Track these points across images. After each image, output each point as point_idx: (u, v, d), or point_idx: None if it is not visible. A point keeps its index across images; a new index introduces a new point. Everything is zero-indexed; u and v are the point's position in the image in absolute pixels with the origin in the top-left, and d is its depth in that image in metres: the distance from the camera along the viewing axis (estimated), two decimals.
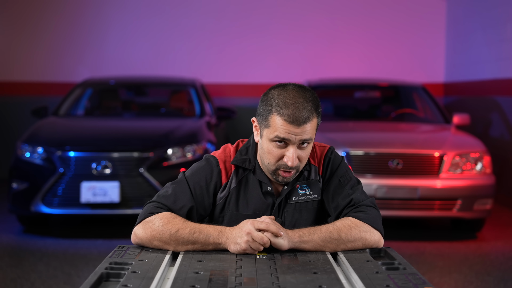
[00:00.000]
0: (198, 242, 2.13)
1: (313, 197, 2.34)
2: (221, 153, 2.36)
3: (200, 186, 2.30)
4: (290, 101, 2.17)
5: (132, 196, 6.15)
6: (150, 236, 2.17)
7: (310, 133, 2.20)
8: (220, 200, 2.32)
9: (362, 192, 2.33)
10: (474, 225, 6.50)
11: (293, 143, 2.18)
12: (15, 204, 6.34)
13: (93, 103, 8.05)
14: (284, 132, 2.16)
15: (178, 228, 2.14)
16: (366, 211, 2.26)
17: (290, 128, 2.15)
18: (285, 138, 2.17)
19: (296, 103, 2.17)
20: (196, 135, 6.71)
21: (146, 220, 2.20)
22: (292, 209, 2.32)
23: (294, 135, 2.17)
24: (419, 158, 6.29)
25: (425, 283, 1.80)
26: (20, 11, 10.23)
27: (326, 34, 10.41)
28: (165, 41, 10.38)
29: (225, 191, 2.32)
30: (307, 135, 2.18)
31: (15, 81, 10.31)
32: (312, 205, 2.34)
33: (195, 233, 2.13)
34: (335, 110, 8.33)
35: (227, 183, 2.32)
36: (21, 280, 4.87)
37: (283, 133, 2.16)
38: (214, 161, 2.33)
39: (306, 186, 2.34)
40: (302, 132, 2.16)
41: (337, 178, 2.34)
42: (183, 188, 2.29)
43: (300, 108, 2.16)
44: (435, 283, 4.86)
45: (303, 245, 2.13)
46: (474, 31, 9.40)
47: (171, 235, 2.14)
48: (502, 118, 8.38)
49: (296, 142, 2.18)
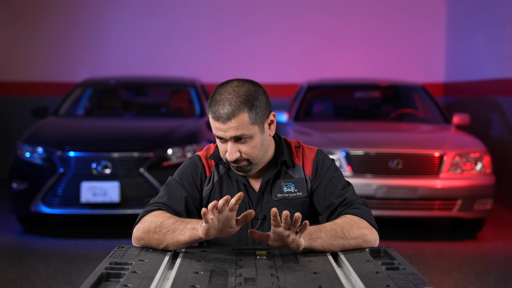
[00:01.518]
0: (177, 229, 2.13)
1: (298, 194, 2.37)
2: (203, 151, 2.46)
3: (188, 182, 2.37)
4: (219, 98, 2.22)
5: (132, 196, 6.15)
6: (141, 231, 2.21)
7: (242, 128, 2.21)
8: (206, 193, 2.39)
9: (353, 192, 2.37)
10: (474, 225, 6.50)
11: (227, 139, 2.24)
12: (15, 204, 6.34)
13: (93, 103, 8.05)
14: (214, 129, 2.25)
15: (163, 219, 2.18)
16: (360, 207, 2.29)
17: (217, 125, 2.23)
18: (217, 135, 2.25)
19: (223, 100, 2.21)
20: (196, 135, 6.71)
21: (141, 220, 2.26)
22: (278, 205, 2.35)
23: (222, 132, 2.23)
24: (419, 158, 6.29)
25: (425, 283, 1.80)
26: (20, 11, 10.23)
27: (326, 34, 10.41)
28: (165, 41, 10.38)
29: (209, 185, 2.39)
30: (238, 131, 2.21)
31: (15, 81, 10.31)
32: (297, 202, 2.37)
33: (177, 222, 2.16)
34: (335, 110, 8.33)
35: (211, 177, 2.39)
36: (21, 280, 4.87)
37: (214, 130, 2.25)
38: (197, 158, 2.43)
39: (291, 184, 2.38)
40: (228, 128, 2.21)
41: (328, 178, 2.37)
42: (174, 186, 2.37)
43: (225, 105, 2.19)
44: (435, 283, 4.86)
45: (313, 243, 2.13)
46: (474, 31, 9.40)
47: (156, 226, 2.17)
48: (502, 118, 8.38)
49: (228, 138, 2.23)
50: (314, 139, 6.67)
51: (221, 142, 2.28)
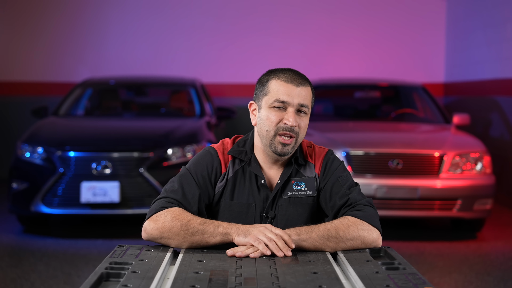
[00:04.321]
0: (206, 231, 2.14)
1: (308, 193, 2.36)
2: (219, 145, 2.43)
3: (202, 176, 2.35)
4: (287, 70, 2.34)
5: (132, 196, 6.15)
6: (160, 229, 2.19)
7: (308, 99, 2.31)
8: (218, 189, 2.37)
9: (359, 192, 2.35)
10: (474, 225, 6.50)
11: (292, 105, 2.27)
12: (15, 204, 6.34)
13: (93, 103, 8.05)
14: (283, 93, 2.27)
15: (189, 219, 2.18)
16: (363, 209, 2.28)
17: (288, 88, 2.27)
18: (284, 100, 2.26)
19: (290, 70, 2.34)
20: (196, 135, 6.71)
21: (157, 214, 2.23)
22: (286, 204, 2.35)
23: (290, 96, 2.26)
24: (419, 158, 6.29)
25: (425, 283, 1.80)
26: (20, 11, 10.23)
27: (327, 34, 10.41)
28: (165, 41, 10.38)
29: (223, 181, 2.37)
30: (304, 100, 2.29)
31: (15, 81, 10.31)
32: (306, 201, 2.36)
33: (205, 223, 2.16)
34: (335, 110, 8.33)
35: (226, 173, 2.37)
36: (21, 280, 4.87)
37: (283, 95, 2.27)
38: (214, 152, 2.40)
39: (301, 183, 2.37)
40: (300, 94, 2.27)
41: (335, 177, 2.37)
42: (188, 180, 2.34)
43: (297, 73, 2.33)
44: (435, 283, 4.86)
45: (302, 243, 2.14)
46: (474, 31, 9.40)
47: (181, 225, 2.16)
48: (502, 118, 8.38)
49: (295, 105, 2.27)
50: (314, 139, 6.67)
51: (279, 111, 2.29)
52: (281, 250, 2.06)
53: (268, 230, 2.10)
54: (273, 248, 2.06)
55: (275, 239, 2.07)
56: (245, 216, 2.34)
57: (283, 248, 2.07)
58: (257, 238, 2.08)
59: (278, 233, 2.10)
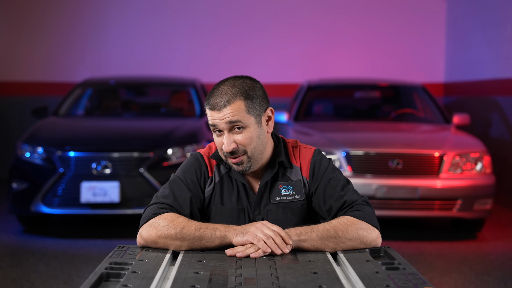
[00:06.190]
0: (204, 237, 2.14)
1: (296, 197, 2.35)
2: (206, 149, 2.44)
3: (192, 180, 2.35)
4: (215, 90, 2.27)
5: (132, 196, 6.15)
6: (155, 236, 2.18)
7: (237, 114, 2.23)
8: (207, 193, 2.37)
9: (353, 191, 2.33)
10: (474, 225, 6.50)
11: (223, 128, 2.25)
12: (15, 204, 6.34)
13: (93, 103, 8.05)
14: (210, 119, 2.27)
15: (183, 225, 2.16)
16: (362, 209, 2.27)
17: (213, 114, 2.25)
18: (213, 124, 2.27)
19: (219, 91, 2.26)
20: (196, 135, 6.71)
21: (150, 221, 2.22)
22: (275, 209, 2.34)
23: (218, 120, 2.25)
24: (419, 158, 6.29)
25: (425, 283, 1.80)
26: (20, 11, 10.23)
27: (327, 34, 10.41)
28: (165, 41, 10.38)
29: (211, 186, 2.37)
30: (233, 117, 2.23)
31: (15, 81, 10.31)
32: (295, 205, 2.36)
33: (201, 229, 2.15)
34: (335, 110, 8.34)
35: (213, 177, 2.38)
36: (21, 280, 4.87)
37: (210, 120, 2.27)
38: (200, 157, 2.41)
39: (289, 187, 2.36)
40: (223, 116, 2.23)
41: (326, 180, 2.34)
42: (179, 184, 2.34)
43: (221, 94, 2.24)
44: (435, 283, 4.86)
45: (302, 243, 2.14)
46: (474, 31, 9.40)
47: (176, 233, 2.15)
48: (502, 118, 8.38)
49: (224, 127, 2.25)
50: (314, 139, 6.68)
51: (218, 136, 2.28)
52: (279, 248, 2.07)
53: (266, 227, 2.11)
54: (271, 245, 2.07)
55: (272, 235, 2.08)
56: (237, 221, 2.33)
57: (280, 245, 2.08)
58: (255, 236, 2.09)
59: (275, 230, 2.10)
